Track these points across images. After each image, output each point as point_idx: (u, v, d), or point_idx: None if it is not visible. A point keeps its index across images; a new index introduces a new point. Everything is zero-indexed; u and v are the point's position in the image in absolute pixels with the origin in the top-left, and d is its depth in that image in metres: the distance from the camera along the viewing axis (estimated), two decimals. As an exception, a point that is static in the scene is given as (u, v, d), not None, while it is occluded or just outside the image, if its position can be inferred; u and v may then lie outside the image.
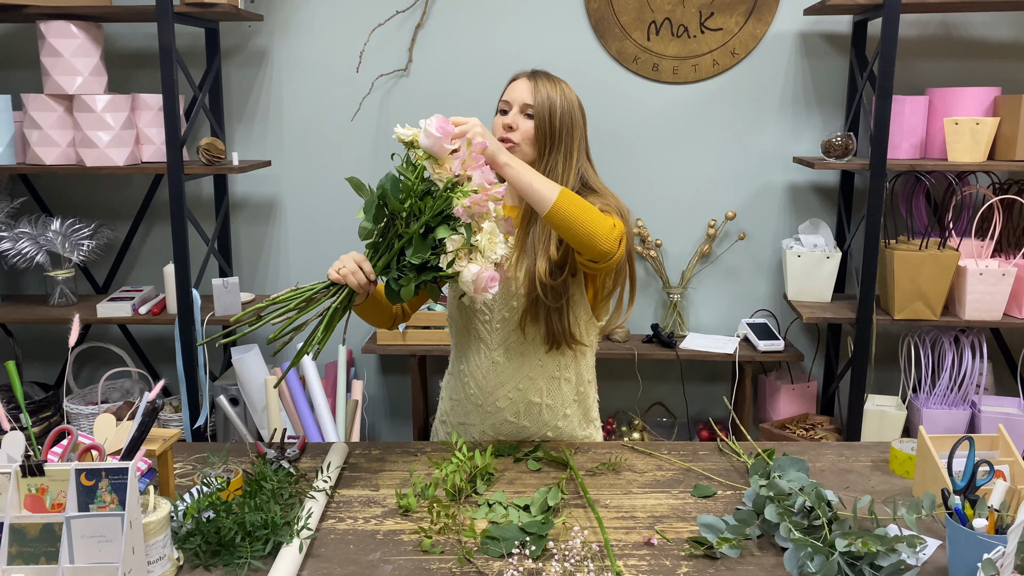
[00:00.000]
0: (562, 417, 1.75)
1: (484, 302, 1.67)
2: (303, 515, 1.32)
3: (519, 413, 1.73)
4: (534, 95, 1.61)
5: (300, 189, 3.10)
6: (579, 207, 1.47)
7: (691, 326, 3.12)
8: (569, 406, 1.76)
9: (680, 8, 2.90)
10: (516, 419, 1.73)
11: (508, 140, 1.62)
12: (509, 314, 1.67)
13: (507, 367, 1.70)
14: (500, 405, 1.72)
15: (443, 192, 1.43)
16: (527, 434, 1.75)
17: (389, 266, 1.49)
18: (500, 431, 1.75)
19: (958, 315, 2.70)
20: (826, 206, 3.02)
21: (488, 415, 1.74)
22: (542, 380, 1.71)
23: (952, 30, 2.89)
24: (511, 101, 1.64)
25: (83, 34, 2.67)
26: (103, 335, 3.20)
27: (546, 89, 1.62)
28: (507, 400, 1.72)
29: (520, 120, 1.62)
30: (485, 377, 1.72)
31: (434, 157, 1.43)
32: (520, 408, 1.72)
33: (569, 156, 1.63)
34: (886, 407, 2.77)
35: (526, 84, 1.63)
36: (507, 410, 1.72)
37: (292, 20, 2.98)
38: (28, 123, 2.72)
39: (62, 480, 1.13)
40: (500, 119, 1.65)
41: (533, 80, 1.63)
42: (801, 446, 1.74)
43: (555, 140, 1.61)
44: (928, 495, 1.27)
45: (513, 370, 1.70)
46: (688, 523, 1.40)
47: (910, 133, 2.72)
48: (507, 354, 1.70)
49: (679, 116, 2.99)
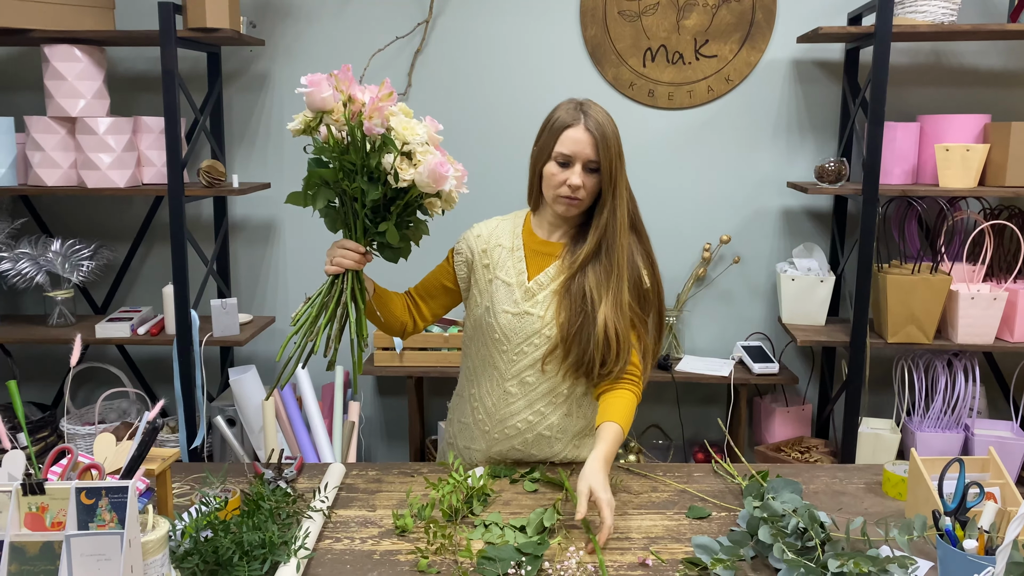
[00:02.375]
0: (572, 448, 1.75)
1: (502, 331, 1.67)
2: (300, 535, 1.33)
3: (527, 443, 1.71)
4: (597, 151, 1.57)
5: (299, 211, 3.12)
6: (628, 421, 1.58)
7: (686, 349, 3.14)
8: (582, 439, 1.75)
9: (675, 35, 2.95)
10: (524, 448, 1.72)
11: (574, 199, 1.60)
12: (529, 348, 1.66)
13: (520, 399, 1.69)
14: (509, 434, 1.71)
15: (350, 128, 1.46)
16: (534, 460, 1.75)
17: (367, 230, 1.54)
18: (507, 457, 1.74)
19: (951, 339, 2.72)
20: (820, 230, 3.05)
21: (495, 442, 1.73)
22: (554, 416, 1.70)
23: (943, 58, 2.94)
24: (573, 156, 1.58)
25: (87, 58, 2.70)
26: (101, 355, 3.21)
27: (606, 140, 1.57)
28: (515, 430, 1.70)
29: (586, 178, 1.59)
30: (495, 405, 1.71)
31: (323, 111, 1.47)
32: (528, 438, 1.71)
33: (621, 192, 1.61)
34: (880, 430, 2.78)
35: (588, 139, 1.57)
36: (515, 439, 1.71)
37: (293, 45, 3.03)
38: (30, 145, 2.75)
39: (62, 499, 1.14)
40: (561, 174, 1.59)
41: (594, 134, 1.57)
42: (795, 468, 1.76)
43: (614, 184, 1.60)
44: (920, 517, 1.29)
45: (525, 404, 1.69)
46: (683, 544, 1.41)
47: (902, 159, 2.75)
48: (521, 386, 1.68)
49: (674, 141, 3.03)
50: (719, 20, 2.92)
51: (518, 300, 1.66)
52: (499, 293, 1.68)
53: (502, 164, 3.01)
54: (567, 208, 1.62)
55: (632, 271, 1.64)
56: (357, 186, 1.47)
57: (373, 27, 2.99)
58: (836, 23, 2.89)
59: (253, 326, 2.96)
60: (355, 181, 1.47)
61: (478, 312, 1.71)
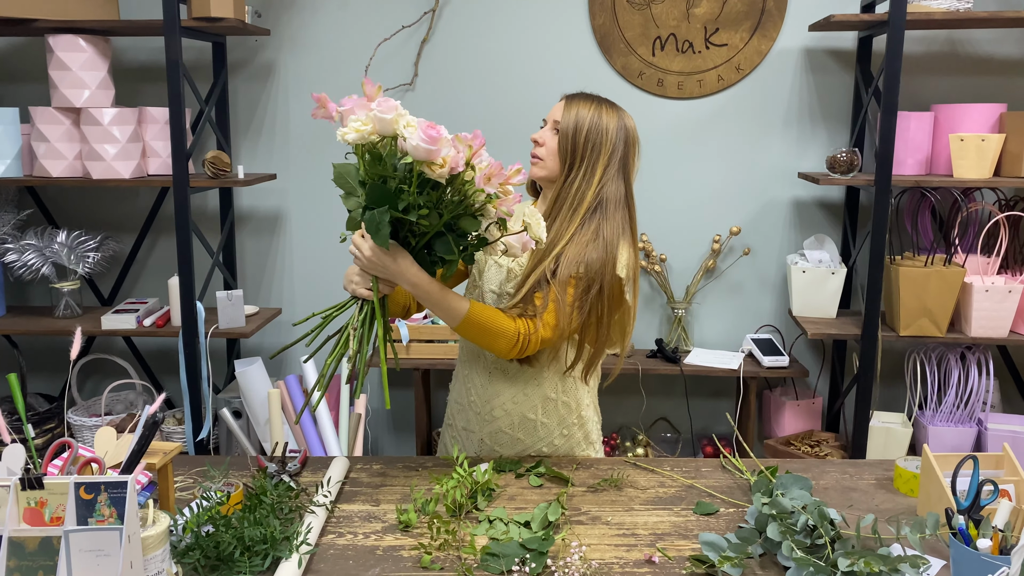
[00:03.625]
0: (559, 436, 1.76)
1: None
2: (303, 530, 1.32)
3: (514, 426, 1.74)
4: (564, 113, 1.66)
5: (305, 202, 3.11)
6: (477, 330, 1.57)
7: (695, 341, 3.11)
8: (567, 427, 1.77)
9: (685, 24, 2.91)
10: (511, 431, 1.75)
11: (535, 155, 1.70)
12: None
13: (503, 380, 1.73)
14: (496, 415, 1.74)
15: (460, 186, 1.43)
16: (522, 447, 1.76)
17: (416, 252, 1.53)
18: (497, 440, 1.76)
19: (964, 332, 2.69)
20: (831, 221, 3.02)
21: (486, 423, 1.76)
22: (537, 399, 1.73)
23: (957, 46, 2.89)
24: (547, 118, 1.71)
25: (91, 48, 2.69)
26: (107, 347, 3.21)
27: (577, 108, 1.66)
28: (503, 411, 1.74)
29: (548, 135, 1.69)
30: (484, 386, 1.75)
31: (428, 161, 1.42)
32: (515, 421, 1.74)
33: (590, 175, 1.64)
34: (892, 424, 2.75)
35: (561, 103, 1.69)
36: (502, 420, 1.74)
37: (299, 35, 3.00)
38: (35, 136, 2.73)
39: (61, 494, 1.13)
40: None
41: (569, 100, 1.68)
42: (805, 463, 1.73)
43: (576, 158, 1.65)
44: (932, 515, 1.26)
45: (508, 384, 1.73)
46: (690, 541, 1.39)
47: (915, 149, 2.71)
48: (502, 369, 1.73)
49: (684, 131, 2.99)
50: (729, 8, 2.88)
51: (502, 281, 1.71)
52: (490, 272, 1.74)
53: (509, 153, 2.96)
54: (532, 168, 1.71)
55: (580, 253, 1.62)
56: (434, 230, 1.47)
57: (379, 16, 2.96)
58: (849, 11, 2.85)
59: (259, 318, 2.95)
60: (431, 222, 1.45)
61: (473, 294, 1.77)
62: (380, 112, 1.39)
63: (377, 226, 1.41)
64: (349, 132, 1.42)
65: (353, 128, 1.41)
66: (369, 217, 1.42)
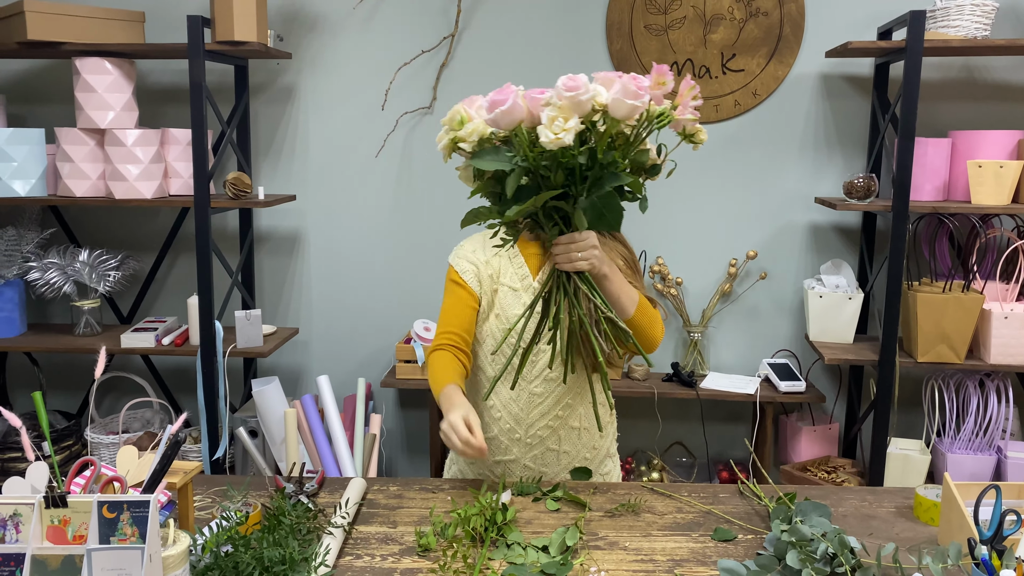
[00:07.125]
0: (598, 438, 1.79)
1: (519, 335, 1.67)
2: (321, 551, 1.32)
3: (560, 439, 1.75)
4: None
5: (324, 223, 3.13)
6: (647, 318, 1.65)
7: (712, 365, 3.10)
8: (604, 427, 1.79)
9: (702, 49, 2.93)
10: (557, 446, 1.75)
11: None
12: (547, 345, 1.65)
13: (546, 397, 1.72)
14: (542, 435, 1.74)
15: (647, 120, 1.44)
16: (566, 461, 1.77)
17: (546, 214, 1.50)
18: (541, 461, 1.76)
19: (983, 359, 2.67)
20: (848, 247, 3.01)
21: (530, 447, 1.75)
22: (580, 406, 1.75)
23: (975, 73, 2.90)
24: None
25: (116, 70, 2.74)
26: (126, 365, 3.23)
27: None
28: (548, 429, 1.74)
29: None
30: (523, 410, 1.73)
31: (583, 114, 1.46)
32: (561, 435, 1.75)
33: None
34: (909, 451, 2.73)
35: None
36: (549, 439, 1.75)
37: (319, 58, 3.04)
38: (60, 156, 2.78)
39: (84, 512, 1.14)
40: None
41: None
42: (823, 490, 1.72)
43: None
44: (954, 544, 1.25)
45: (553, 401, 1.72)
46: (708, 567, 1.39)
47: (933, 175, 2.71)
48: (545, 383, 1.72)
49: (700, 155, 2.99)
50: (746, 34, 2.90)
51: (526, 302, 1.68)
52: (507, 300, 1.72)
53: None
54: None
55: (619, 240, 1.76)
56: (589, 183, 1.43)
57: (399, 40, 3.00)
58: (866, 37, 2.86)
59: (276, 337, 2.96)
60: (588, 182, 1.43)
61: (487, 324, 1.74)
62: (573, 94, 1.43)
63: (602, 210, 1.42)
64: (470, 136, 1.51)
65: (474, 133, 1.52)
66: (590, 204, 1.43)
